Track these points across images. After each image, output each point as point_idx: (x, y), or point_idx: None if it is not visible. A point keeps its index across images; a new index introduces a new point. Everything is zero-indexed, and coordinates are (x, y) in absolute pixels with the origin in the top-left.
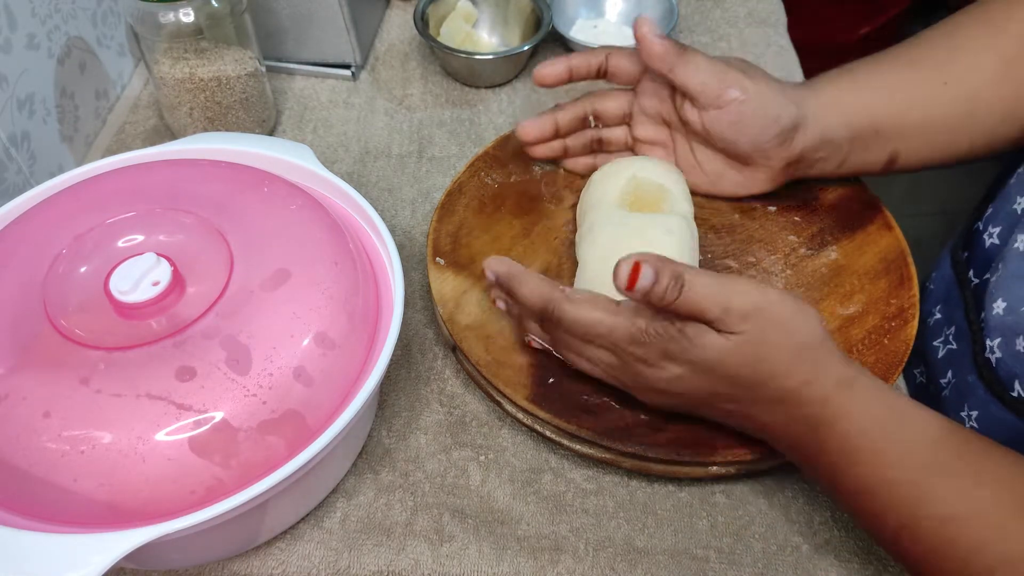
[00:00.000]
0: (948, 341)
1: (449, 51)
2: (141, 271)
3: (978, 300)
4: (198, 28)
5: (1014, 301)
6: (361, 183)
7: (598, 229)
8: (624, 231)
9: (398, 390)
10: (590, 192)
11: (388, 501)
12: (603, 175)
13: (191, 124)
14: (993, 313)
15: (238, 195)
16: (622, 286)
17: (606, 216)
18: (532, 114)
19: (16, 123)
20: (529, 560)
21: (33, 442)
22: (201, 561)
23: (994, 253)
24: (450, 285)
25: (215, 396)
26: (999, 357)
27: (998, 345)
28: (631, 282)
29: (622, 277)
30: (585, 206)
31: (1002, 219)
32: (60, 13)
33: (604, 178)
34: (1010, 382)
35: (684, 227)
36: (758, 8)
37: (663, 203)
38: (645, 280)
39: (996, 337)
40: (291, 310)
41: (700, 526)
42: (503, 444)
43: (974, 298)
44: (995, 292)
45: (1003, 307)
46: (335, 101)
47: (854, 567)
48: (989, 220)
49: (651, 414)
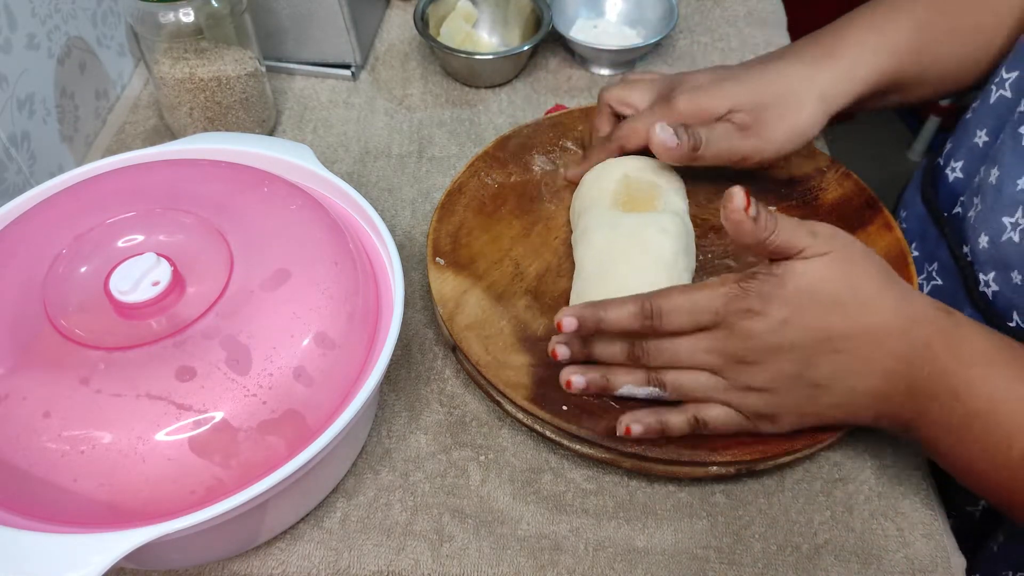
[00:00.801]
0: (932, 277)
1: (449, 51)
2: (141, 271)
3: (956, 234)
4: (198, 28)
5: (995, 235)
6: (361, 183)
7: (592, 231)
8: (618, 232)
9: (398, 390)
10: (582, 193)
11: (388, 501)
12: (595, 176)
13: (191, 124)
14: (980, 247)
15: (238, 195)
16: (740, 204)
17: (600, 218)
18: (532, 114)
19: (16, 123)
20: (529, 560)
21: (33, 442)
22: (201, 561)
23: (958, 187)
24: (450, 285)
25: (215, 396)
26: (996, 290)
27: (993, 279)
28: (748, 203)
29: (739, 198)
30: (579, 208)
31: (963, 154)
32: (60, 13)
33: (596, 179)
34: (1008, 313)
35: (679, 224)
36: (758, 8)
37: (657, 201)
38: (753, 211)
39: (990, 271)
40: (291, 310)
41: (700, 526)
42: (503, 444)
43: (954, 232)
44: (978, 227)
45: (986, 240)
46: (335, 101)
47: (854, 567)
48: (950, 155)
49: None
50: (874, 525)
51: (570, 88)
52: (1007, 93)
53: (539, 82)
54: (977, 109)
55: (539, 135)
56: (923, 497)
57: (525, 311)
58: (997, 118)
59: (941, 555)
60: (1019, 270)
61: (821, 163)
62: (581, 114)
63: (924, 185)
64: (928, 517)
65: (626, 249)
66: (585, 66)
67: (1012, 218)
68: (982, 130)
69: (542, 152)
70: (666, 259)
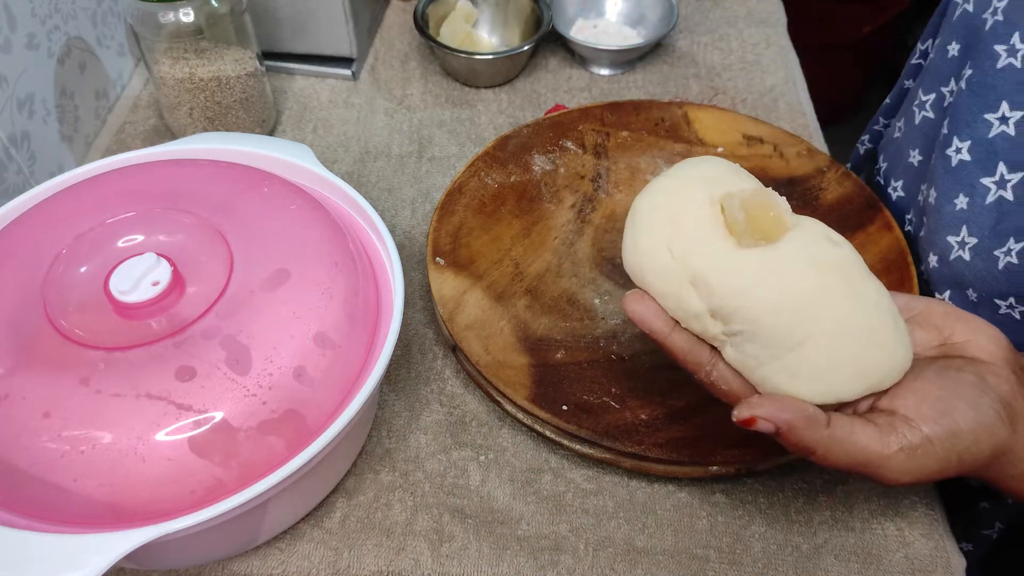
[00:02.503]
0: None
1: (449, 51)
2: (141, 271)
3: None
4: (198, 28)
5: (943, 254)
6: (361, 183)
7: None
8: (800, 275)
9: (398, 390)
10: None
11: (388, 501)
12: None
13: (191, 124)
14: (932, 267)
15: (238, 195)
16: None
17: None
18: (532, 114)
19: (16, 123)
20: (529, 560)
21: (33, 442)
22: (201, 561)
23: (902, 205)
24: (450, 285)
25: (215, 396)
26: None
27: (949, 297)
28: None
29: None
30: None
31: (900, 173)
32: (60, 13)
33: (663, 213)
34: None
35: (835, 234)
36: (758, 8)
37: (785, 214)
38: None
39: (945, 290)
40: (291, 310)
41: (700, 526)
42: (503, 444)
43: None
44: (927, 247)
45: (935, 260)
46: (335, 101)
47: (854, 567)
48: (888, 174)
49: (651, 414)
50: (874, 525)
51: (570, 88)
52: (929, 114)
53: (539, 82)
54: (903, 129)
55: (539, 135)
56: (923, 497)
57: (525, 311)
58: (924, 138)
59: (941, 555)
60: (973, 288)
61: (821, 163)
62: (581, 114)
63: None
64: (928, 517)
65: (830, 298)
66: (585, 66)
67: (957, 237)
68: (914, 150)
69: (542, 152)
70: (872, 297)
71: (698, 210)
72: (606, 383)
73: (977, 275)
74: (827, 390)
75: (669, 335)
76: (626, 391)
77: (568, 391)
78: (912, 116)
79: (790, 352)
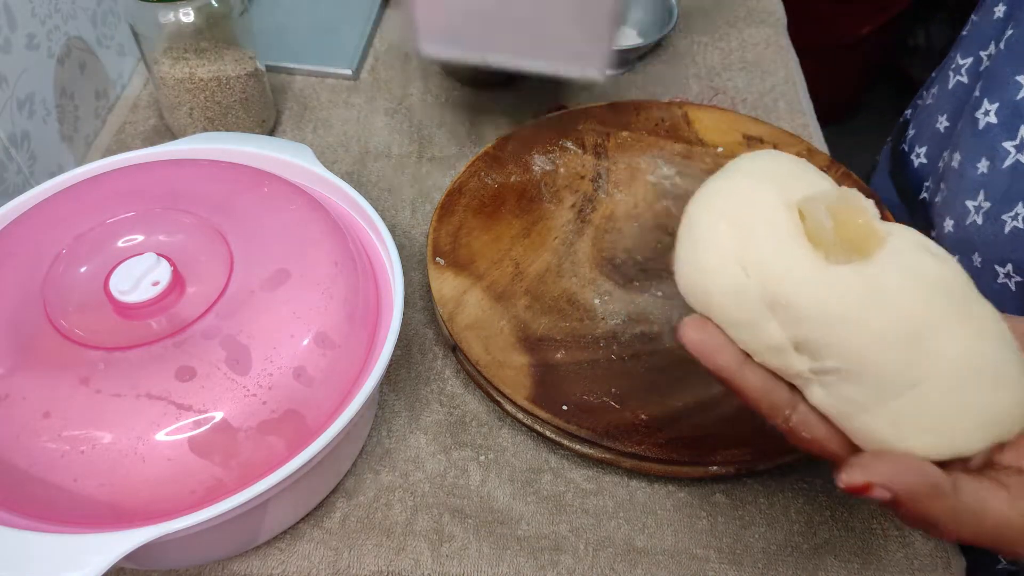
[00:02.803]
0: None
1: None
2: (141, 271)
3: (923, 219)
4: (198, 28)
5: (959, 218)
6: (361, 183)
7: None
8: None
9: (398, 390)
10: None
11: (388, 501)
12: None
13: (191, 124)
14: (946, 231)
15: (238, 195)
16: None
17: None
18: (532, 115)
19: (16, 123)
20: (529, 560)
21: (33, 442)
22: (201, 561)
23: (923, 172)
24: (450, 285)
25: (215, 396)
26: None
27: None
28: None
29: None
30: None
31: (926, 139)
32: (60, 13)
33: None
34: None
35: (933, 245)
36: (758, 8)
37: (877, 224)
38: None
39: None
40: (291, 310)
41: (700, 526)
42: (503, 444)
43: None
44: (943, 211)
45: (951, 224)
46: (335, 101)
47: (854, 567)
48: (914, 141)
49: (651, 414)
50: (874, 525)
51: (570, 88)
52: (963, 79)
53: (539, 82)
54: (936, 95)
55: (539, 135)
56: None
57: (525, 311)
58: (956, 103)
59: (941, 555)
60: (979, 252)
61: (821, 163)
62: (581, 114)
63: (894, 171)
64: None
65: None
66: None
67: (975, 201)
68: (943, 115)
69: (542, 152)
70: (989, 326)
71: (773, 216)
72: (606, 383)
73: (985, 239)
74: (944, 443)
75: (740, 372)
76: (626, 391)
77: (568, 391)
78: (946, 80)
79: (900, 396)
